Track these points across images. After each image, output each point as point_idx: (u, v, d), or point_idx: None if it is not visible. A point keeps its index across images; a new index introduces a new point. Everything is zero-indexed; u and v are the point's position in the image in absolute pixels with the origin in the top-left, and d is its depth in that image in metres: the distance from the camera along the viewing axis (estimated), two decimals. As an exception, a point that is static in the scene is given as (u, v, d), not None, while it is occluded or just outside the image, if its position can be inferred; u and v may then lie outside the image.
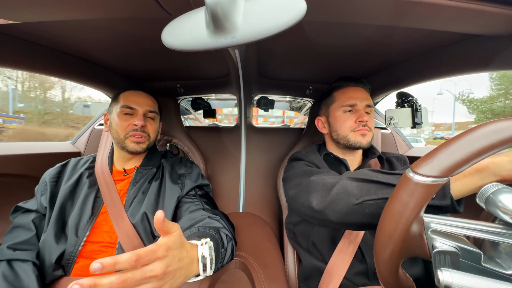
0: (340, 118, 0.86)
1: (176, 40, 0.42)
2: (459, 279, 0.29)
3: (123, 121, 0.84)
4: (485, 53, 0.68)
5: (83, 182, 0.85)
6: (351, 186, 0.57)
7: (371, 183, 0.54)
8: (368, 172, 0.57)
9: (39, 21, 0.58)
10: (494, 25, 0.55)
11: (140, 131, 0.84)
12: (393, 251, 0.35)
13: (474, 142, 0.30)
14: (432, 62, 0.84)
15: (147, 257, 0.38)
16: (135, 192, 0.83)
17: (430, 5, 0.47)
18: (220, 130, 1.51)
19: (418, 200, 0.32)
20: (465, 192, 0.42)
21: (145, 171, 0.89)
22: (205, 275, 0.51)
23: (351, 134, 0.84)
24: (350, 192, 0.56)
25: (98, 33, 0.72)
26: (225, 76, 1.16)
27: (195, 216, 0.75)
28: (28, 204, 0.82)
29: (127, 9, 0.53)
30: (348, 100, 0.85)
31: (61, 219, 0.77)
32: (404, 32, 0.68)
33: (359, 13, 0.52)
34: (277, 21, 0.36)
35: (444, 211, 0.43)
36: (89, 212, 0.78)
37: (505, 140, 0.29)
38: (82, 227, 0.76)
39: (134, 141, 0.84)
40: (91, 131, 1.43)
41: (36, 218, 0.79)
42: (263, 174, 1.41)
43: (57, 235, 0.74)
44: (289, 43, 0.80)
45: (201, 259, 0.50)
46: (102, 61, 0.99)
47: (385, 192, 0.50)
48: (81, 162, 0.92)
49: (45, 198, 0.80)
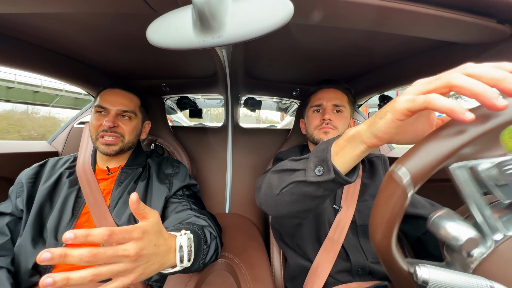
0: (310, 118, 0.92)
1: (162, 38, 0.41)
2: (436, 274, 0.31)
3: (95, 120, 0.81)
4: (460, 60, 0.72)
5: (62, 182, 0.80)
6: (272, 178, 0.58)
7: (284, 172, 0.55)
8: (284, 162, 0.57)
9: (15, 12, 0.54)
10: (467, 34, 0.58)
11: (110, 131, 0.80)
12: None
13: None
14: (413, 66, 0.88)
15: (121, 235, 0.37)
16: (120, 192, 0.81)
17: (410, 12, 0.49)
18: (207, 130, 1.50)
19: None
20: (346, 162, 0.43)
21: (131, 171, 0.86)
22: (182, 266, 0.50)
23: (315, 132, 0.88)
24: (272, 185, 0.57)
25: (79, 28, 0.69)
26: (212, 75, 1.15)
27: (181, 216, 0.74)
28: (1, 207, 0.76)
29: (111, 4, 0.51)
30: (317, 100, 0.90)
31: (39, 222, 0.73)
32: (386, 38, 0.71)
33: (343, 18, 0.54)
34: (265, 23, 0.36)
35: (340, 185, 0.45)
36: (69, 213, 0.75)
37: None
38: (62, 230, 0.72)
39: (103, 143, 0.80)
40: (70, 129, 1.36)
41: (11, 221, 0.74)
42: (249, 174, 1.41)
43: (34, 239, 0.70)
44: (276, 44, 0.81)
45: (178, 249, 0.49)
46: (84, 58, 0.95)
47: (291, 177, 0.51)
48: (61, 162, 0.87)
49: (21, 200, 0.75)
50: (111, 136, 0.80)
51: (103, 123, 0.80)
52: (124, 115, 0.84)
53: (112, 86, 0.86)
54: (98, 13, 0.60)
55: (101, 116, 0.81)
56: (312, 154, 0.49)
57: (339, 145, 0.44)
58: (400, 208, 0.32)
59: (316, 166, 0.46)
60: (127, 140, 0.85)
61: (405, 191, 0.31)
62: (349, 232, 0.78)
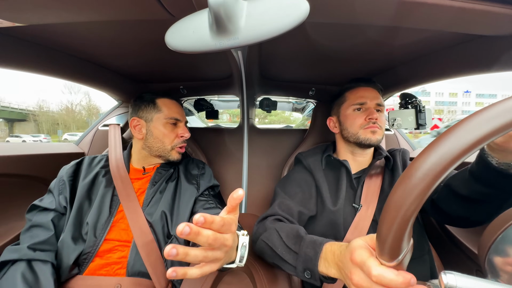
0: (351, 116, 0.87)
1: (180, 42, 0.42)
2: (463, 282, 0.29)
3: (170, 132, 0.88)
4: (489, 54, 0.67)
5: (99, 181, 0.85)
6: (266, 246, 0.68)
7: (275, 254, 0.64)
8: (276, 240, 0.66)
9: (45, 23, 0.59)
10: (497, 26, 0.54)
11: (183, 142, 0.91)
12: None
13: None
14: (436, 63, 0.83)
15: (228, 225, 0.42)
16: (154, 191, 0.84)
17: (432, 5, 0.47)
18: (223, 131, 1.52)
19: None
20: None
21: (164, 172, 0.90)
22: (240, 264, 0.53)
23: (361, 131, 0.84)
24: (264, 252, 0.69)
25: (102, 36, 0.73)
26: (228, 77, 1.17)
27: (211, 213, 0.76)
28: (44, 202, 0.80)
29: (131, 11, 0.54)
30: (358, 99, 0.87)
31: (79, 219, 0.77)
32: (407, 33, 0.68)
33: (361, 14, 0.52)
34: (280, 22, 0.36)
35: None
36: (107, 212, 0.78)
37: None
38: (100, 227, 0.76)
39: (179, 152, 0.90)
40: (95, 132, 1.44)
41: (55, 217, 0.78)
42: (265, 175, 1.40)
43: (74, 235, 0.74)
44: (292, 44, 0.80)
45: (241, 247, 0.52)
46: (106, 63, 0.99)
47: (281, 264, 0.62)
48: (96, 160, 0.92)
49: (64, 197, 0.80)
50: (184, 146, 0.92)
51: (180, 134, 0.90)
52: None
53: (169, 96, 0.94)
54: (119, 20, 0.63)
55: (173, 127, 0.90)
56: (300, 259, 0.56)
57: (327, 262, 0.51)
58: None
59: (305, 270, 0.55)
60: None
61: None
62: (371, 231, 0.76)
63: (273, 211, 0.78)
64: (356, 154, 0.90)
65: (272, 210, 0.78)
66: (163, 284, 0.73)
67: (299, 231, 0.65)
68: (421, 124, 0.96)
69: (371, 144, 0.84)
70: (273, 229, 0.69)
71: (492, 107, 0.26)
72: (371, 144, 0.84)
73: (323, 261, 0.52)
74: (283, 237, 0.65)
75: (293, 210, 0.78)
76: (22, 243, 0.71)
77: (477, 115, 0.26)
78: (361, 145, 0.86)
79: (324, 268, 0.52)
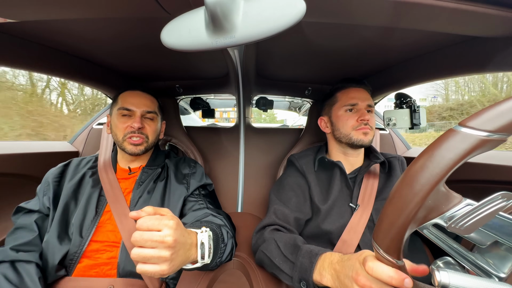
0: (343, 117, 0.88)
1: (176, 40, 0.42)
2: (456, 279, 0.29)
3: (121, 123, 0.84)
4: (482, 55, 0.68)
5: (86, 181, 0.84)
6: (263, 255, 0.70)
7: (272, 263, 0.66)
8: (274, 249, 0.68)
9: (38, 19, 0.57)
10: (490, 27, 0.55)
11: (137, 133, 0.83)
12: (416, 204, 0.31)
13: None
14: (430, 63, 0.84)
15: (154, 220, 0.45)
16: (141, 191, 0.83)
17: (427, 6, 0.47)
18: (219, 130, 1.51)
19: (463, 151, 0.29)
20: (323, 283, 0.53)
21: (151, 171, 0.89)
22: (202, 262, 0.52)
23: (353, 133, 0.85)
24: (263, 260, 0.72)
25: (97, 33, 0.72)
26: (224, 76, 1.16)
27: (198, 214, 0.76)
28: (30, 204, 0.80)
29: (126, 8, 0.53)
30: (350, 100, 0.87)
31: (65, 219, 0.76)
32: (402, 34, 0.69)
33: (357, 14, 0.53)
34: (276, 22, 0.36)
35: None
36: (93, 212, 0.78)
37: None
38: (87, 227, 0.75)
39: (131, 143, 0.83)
40: (89, 130, 1.42)
41: (39, 218, 0.78)
42: (261, 174, 1.40)
43: (60, 235, 0.74)
44: (288, 43, 0.80)
45: (199, 245, 0.51)
46: (101, 61, 0.98)
47: (278, 273, 0.65)
48: (83, 162, 0.91)
49: (48, 198, 0.79)
50: (138, 137, 0.83)
51: (130, 124, 0.83)
52: (147, 116, 0.87)
53: (132, 88, 0.89)
54: (114, 17, 0.62)
55: (126, 118, 0.84)
56: (296, 269, 0.58)
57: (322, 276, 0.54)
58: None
59: (301, 281, 0.57)
60: (150, 140, 0.88)
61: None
62: (366, 232, 0.77)
63: (271, 220, 0.79)
64: (348, 155, 0.91)
65: (269, 219, 0.79)
66: (156, 285, 0.72)
67: (296, 240, 0.67)
68: (416, 124, 0.97)
69: (363, 145, 0.86)
70: (272, 239, 0.70)
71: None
72: (363, 145, 0.86)
73: (318, 270, 0.54)
74: (281, 247, 0.66)
75: (289, 218, 0.79)
76: (7, 245, 0.71)
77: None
78: (353, 146, 0.87)
79: (318, 276, 0.54)
